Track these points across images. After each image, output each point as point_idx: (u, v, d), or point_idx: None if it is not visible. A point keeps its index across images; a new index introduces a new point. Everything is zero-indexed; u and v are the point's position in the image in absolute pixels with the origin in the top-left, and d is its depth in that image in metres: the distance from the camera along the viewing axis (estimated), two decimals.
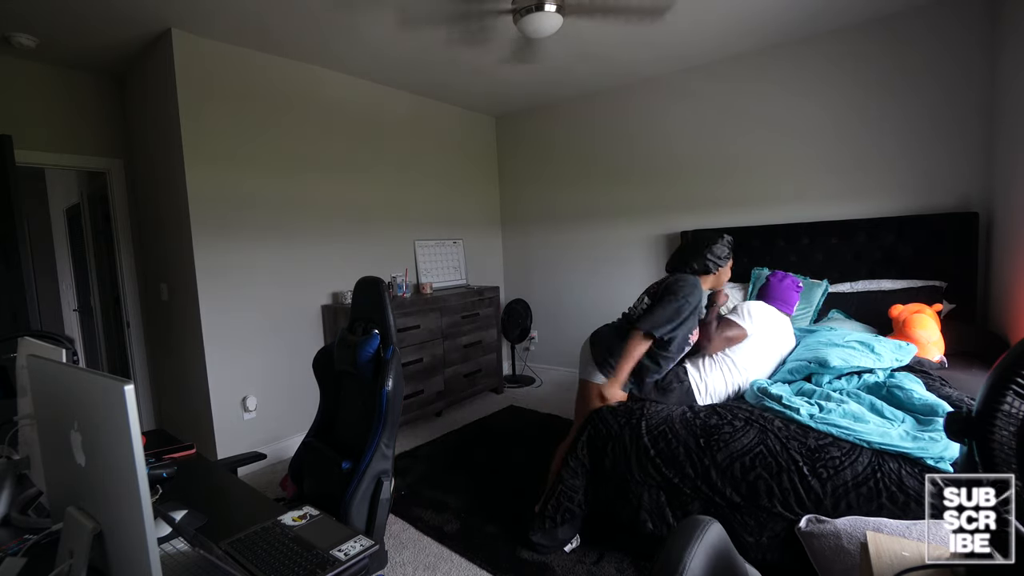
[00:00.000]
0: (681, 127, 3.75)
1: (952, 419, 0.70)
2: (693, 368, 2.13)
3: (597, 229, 4.29)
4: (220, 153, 2.87)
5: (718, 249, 2.13)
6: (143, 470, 0.72)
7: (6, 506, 1.15)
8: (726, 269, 2.19)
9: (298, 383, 3.21)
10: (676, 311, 1.95)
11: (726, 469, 1.71)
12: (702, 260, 2.12)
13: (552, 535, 1.99)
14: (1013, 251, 2.35)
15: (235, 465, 1.65)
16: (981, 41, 2.65)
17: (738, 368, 2.10)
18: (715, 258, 2.12)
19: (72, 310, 4.63)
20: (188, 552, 0.97)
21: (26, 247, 2.72)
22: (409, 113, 3.99)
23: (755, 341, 2.15)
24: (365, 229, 3.68)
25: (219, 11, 2.52)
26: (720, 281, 2.20)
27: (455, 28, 2.82)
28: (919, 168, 2.88)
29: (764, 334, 2.17)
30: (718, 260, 2.13)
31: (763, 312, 2.21)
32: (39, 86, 2.97)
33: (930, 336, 2.32)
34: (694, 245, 2.18)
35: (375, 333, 1.56)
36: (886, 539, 0.86)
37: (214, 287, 2.85)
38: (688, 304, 1.96)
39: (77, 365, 1.04)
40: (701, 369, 2.13)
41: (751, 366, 2.12)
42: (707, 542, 0.61)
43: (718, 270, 2.15)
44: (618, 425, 1.97)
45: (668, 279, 2.10)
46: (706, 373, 2.11)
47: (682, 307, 1.95)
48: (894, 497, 1.46)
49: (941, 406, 1.69)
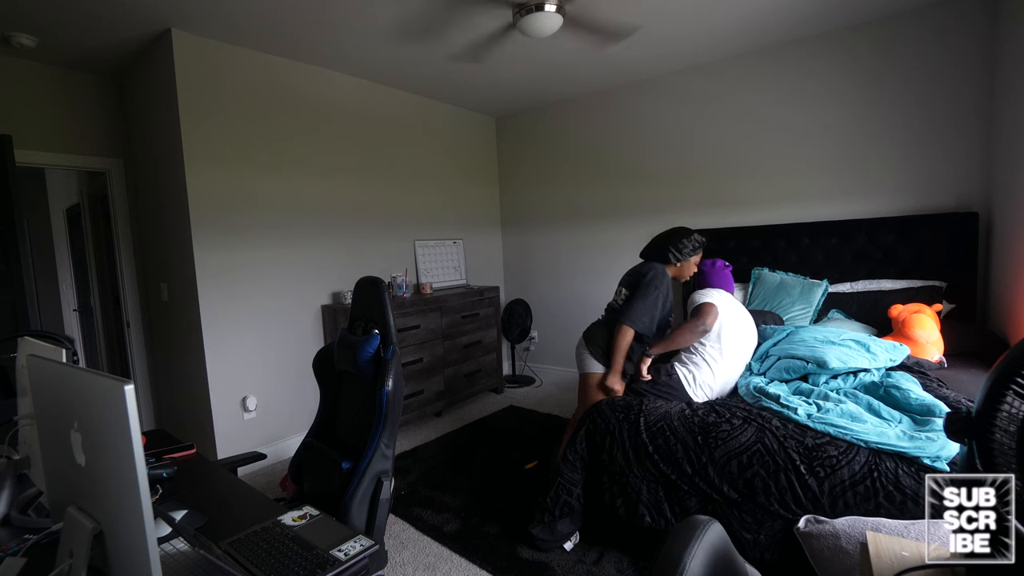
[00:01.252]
0: (681, 127, 3.75)
1: (952, 419, 0.70)
2: (680, 365, 2.17)
3: (597, 229, 4.29)
4: (220, 153, 2.87)
5: (682, 244, 2.30)
6: (143, 470, 0.72)
7: (6, 506, 1.15)
8: (689, 264, 2.35)
9: (298, 383, 3.21)
10: (653, 302, 2.18)
11: (723, 466, 1.71)
12: (665, 252, 2.31)
13: (551, 529, 2.00)
14: (1013, 251, 2.35)
15: (235, 465, 1.65)
16: (980, 41, 2.66)
17: (722, 355, 2.12)
18: (676, 251, 2.30)
19: (72, 310, 4.63)
20: (188, 552, 0.97)
21: (26, 247, 2.72)
22: (409, 113, 3.99)
23: (726, 323, 2.16)
24: (365, 229, 3.68)
25: (219, 11, 2.52)
26: (682, 273, 2.37)
27: (455, 28, 2.82)
28: (919, 168, 2.88)
29: (729, 315, 2.20)
30: (679, 253, 2.30)
31: (718, 293, 2.26)
32: (39, 86, 2.97)
33: (929, 336, 2.32)
34: (664, 237, 2.36)
35: (375, 333, 1.56)
36: (886, 539, 0.86)
37: (214, 287, 2.85)
38: (660, 293, 2.20)
39: (77, 365, 1.04)
40: (688, 364, 2.15)
41: (732, 348, 2.13)
42: (707, 542, 0.61)
43: (679, 263, 2.32)
44: (616, 421, 1.98)
45: (640, 268, 2.30)
46: (694, 367, 2.14)
47: (656, 297, 2.18)
48: (891, 496, 1.47)
49: (938, 406, 1.69)
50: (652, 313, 2.17)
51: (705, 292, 2.26)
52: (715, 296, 2.22)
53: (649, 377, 2.16)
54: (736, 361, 2.16)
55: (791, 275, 3.08)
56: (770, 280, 3.12)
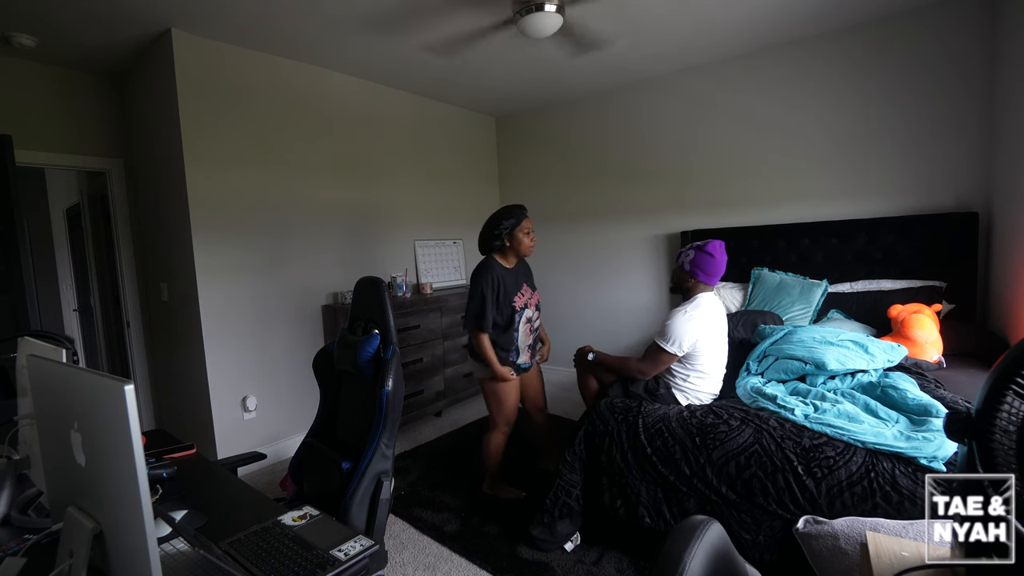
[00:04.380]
0: (681, 127, 3.75)
1: (952, 419, 0.70)
2: (671, 378, 2.16)
3: (597, 229, 4.29)
4: (220, 153, 2.87)
5: (501, 225, 2.26)
6: (143, 470, 0.72)
7: (6, 506, 1.15)
8: (519, 235, 2.28)
9: (298, 383, 3.21)
10: (480, 302, 2.22)
11: (721, 467, 1.72)
12: (490, 242, 2.30)
13: (551, 529, 2.00)
14: (1013, 251, 2.35)
15: (235, 465, 1.65)
16: (980, 41, 2.65)
17: (705, 368, 2.11)
18: (498, 231, 2.26)
19: (72, 310, 4.63)
20: (188, 552, 0.97)
21: (26, 247, 2.72)
22: (409, 113, 3.99)
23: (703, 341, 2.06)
24: (365, 229, 3.68)
25: (219, 11, 2.52)
26: (521, 248, 2.30)
27: (455, 28, 2.82)
28: (919, 168, 2.88)
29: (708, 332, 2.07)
30: (501, 232, 2.26)
31: (690, 327, 2.03)
32: (39, 86, 2.97)
33: (928, 336, 2.32)
34: (484, 227, 2.34)
35: (375, 333, 1.56)
36: (886, 539, 0.86)
37: (214, 287, 2.85)
38: (480, 289, 2.22)
39: (77, 365, 1.04)
40: (677, 378, 2.14)
41: (712, 359, 2.11)
42: (707, 542, 0.61)
43: (510, 240, 2.28)
44: (615, 422, 1.98)
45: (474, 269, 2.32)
46: (683, 381, 2.13)
47: (479, 295, 2.22)
48: (888, 496, 1.47)
49: (935, 406, 1.69)
50: (480, 311, 2.23)
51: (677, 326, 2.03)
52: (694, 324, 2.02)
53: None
54: (719, 365, 2.15)
55: (791, 275, 3.08)
56: (770, 280, 3.12)
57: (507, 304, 2.27)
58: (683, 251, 2.18)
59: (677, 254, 2.20)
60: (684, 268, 2.13)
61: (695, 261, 2.09)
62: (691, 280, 2.12)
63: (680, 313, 2.06)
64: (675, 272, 2.20)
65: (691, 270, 2.10)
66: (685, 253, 2.15)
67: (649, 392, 2.16)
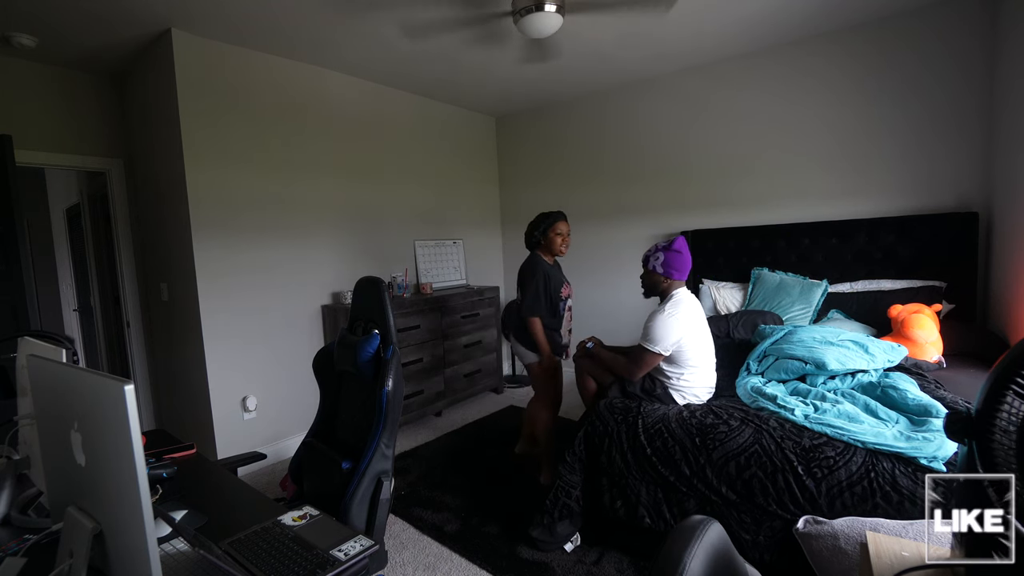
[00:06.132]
0: (681, 127, 3.75)
1: (952, 419, 0.70)
2: (666, 379, 2.16)
3: (597, 229, 4.28)
4: (220, 153, 2.87)
5: (535, 227, 2.61)
6: (143, 470, 0.72)
7: (6, 506, 1.15)
8: (552, 236, 2.59)
9: (298, 383, 3.21)
10: (535, 292, 2.50)
11: (721, 468, 1.72)
12: (531, 238, 2.64)
13: (551, 530, 2.00)
14: (1013, 251, 2.35)
15: (235, 465, 1.65)
16: (981, 40, 2.65)
17: (696, 365, 2.11)
18: (536, 233, 2.61)
19: (72, 310, 4.63)
20: (188, 552, 0.97)
21: (26, 247, 2.72)
22: (409, 113, 3.99)
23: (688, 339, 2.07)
24: (365, 229, 3.68)
25: (219, 11, 2.52)
26: (552, 247, 2.60)
27: (455, 29, 2.82)
28: (919, 168, 2.88)
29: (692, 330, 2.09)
30: (535, 234, 2.62)
31: (671, 326, 2.04)
32: (39, 86, 2.97)
33: (928, 336, 2.32)
34: (528, 227, 2.68)
35: (375, 333, 1.56)
36: (886, 539, 0.86)
37: (214, 287, 2.85)
38: (535, 280, 2.52)
39: (77, 365, 1.04)
40: (672, 379, 2.14)
41: (700, 356, 2.11)
42: (707, 542, 0.61)
43: (545, 240, 2.60)
44: (615, 423, 1.98)
45: (520, 267, 2.64)
46: (677, 380, 2.13)
47: (535, 285, 2.51)
48: (888, 497, 1.47)
49: (935, 407, 1.69)
50: (536, 298, 2.51)
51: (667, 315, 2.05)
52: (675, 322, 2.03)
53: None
54: (707, 355, 2.15)
55: (791, 275, 3.08)
56: (770, 280, 3.12)
57: (556, 293, 2.57)
58: (650, 255, 2.19)
59: (644, 259, 2.21)
60: (656, 271, 2.14)
61: (667, 262, 2.12)
62: (666, 281, 2.15)
63: (660, 314, 2.07)
64: (646, 276, 2.21)
65: (665, 271, 2.13)
66: (654, 256, 2.16)
67: (646, 392, 2.16)
